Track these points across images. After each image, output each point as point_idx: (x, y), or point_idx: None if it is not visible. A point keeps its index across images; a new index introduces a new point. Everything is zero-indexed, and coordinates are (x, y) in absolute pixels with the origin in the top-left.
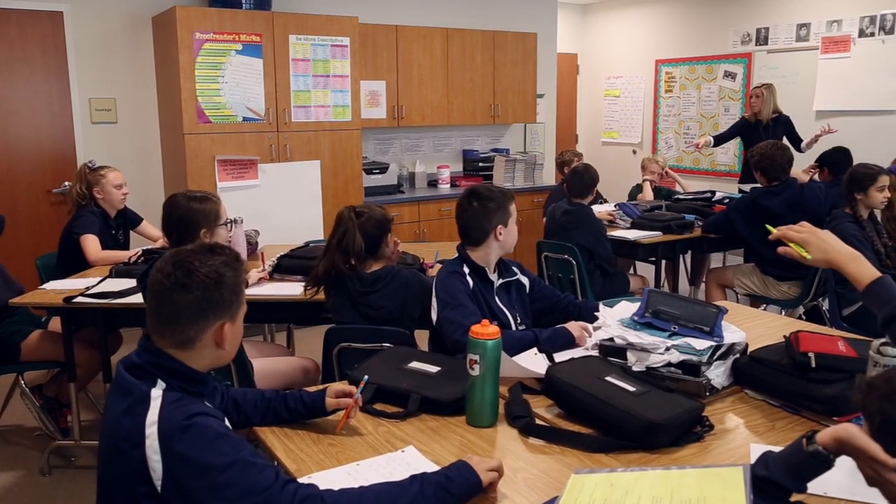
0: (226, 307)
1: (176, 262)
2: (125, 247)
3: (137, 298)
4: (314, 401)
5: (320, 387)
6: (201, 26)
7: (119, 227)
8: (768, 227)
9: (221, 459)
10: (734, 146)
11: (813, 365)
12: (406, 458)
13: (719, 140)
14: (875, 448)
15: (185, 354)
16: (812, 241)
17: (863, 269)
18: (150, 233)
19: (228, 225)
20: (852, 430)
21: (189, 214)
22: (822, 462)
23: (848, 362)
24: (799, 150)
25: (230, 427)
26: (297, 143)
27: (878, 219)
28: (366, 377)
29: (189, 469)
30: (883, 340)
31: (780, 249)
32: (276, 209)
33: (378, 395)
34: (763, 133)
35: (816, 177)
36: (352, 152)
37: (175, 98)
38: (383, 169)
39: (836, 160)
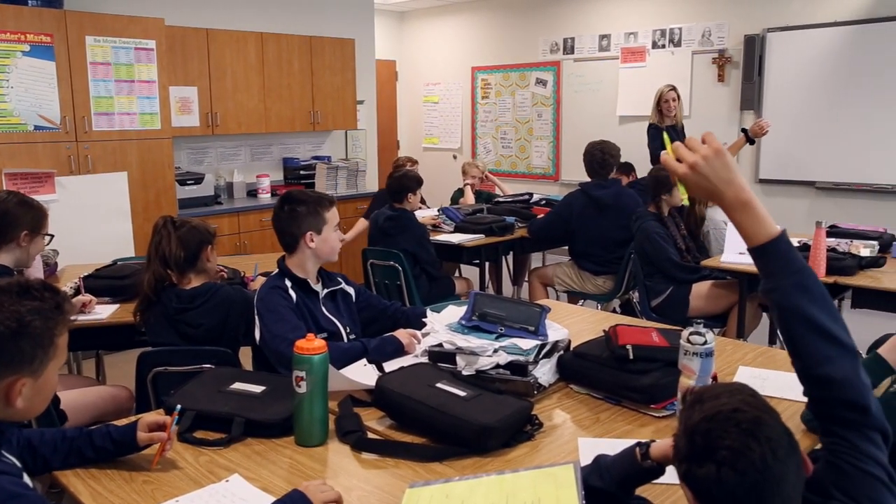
0: (24, 361)
1: None
2: None
3: None
4: (124, 436)
5: (132, 418)
6: None
7: None
8: (666, 139)
9: None
10: (548, 149)
11: (631, 357)
12: (231, 488)
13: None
14: (684, 486)
15: None
16: (690, 181)
17: (748, 226)
18: None
19: (47, 238)
20: None
21: (11, 213)
22: (655, 473)
23: (661, 352)
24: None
25: (28, 484)
26: (100, 153)
27: (672, 214)
28: (178, 406)
29: None
30: (692, 330)
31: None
32: (79, 226)
33: (198, 422)
34: (679, 139)
35: None
36: (163, 162)
37: None
38: (198, 179)
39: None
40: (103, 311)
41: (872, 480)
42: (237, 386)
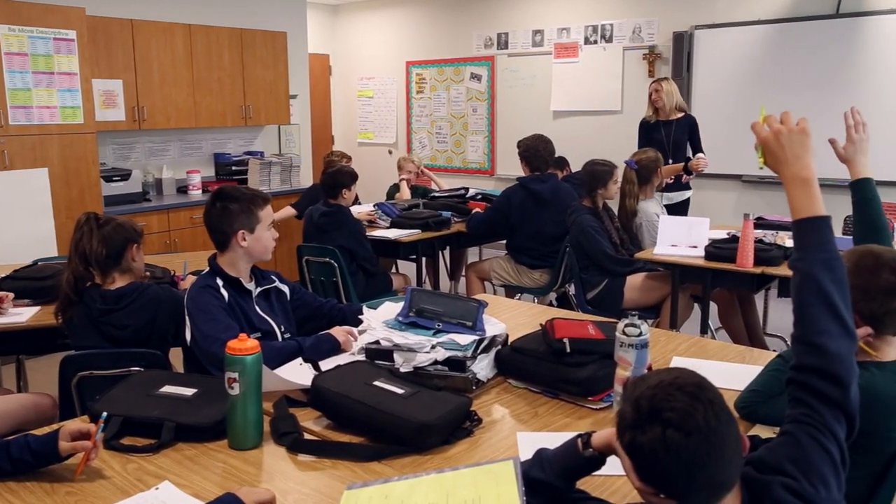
0: None
1: None
2: None
3: None
4: (44, 446)
5: (54, 426)
6: None
7: None
8: (762, 108)
9: None
10: (483, 144)
11: (568, 350)
12: (161, 496)
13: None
14: (628, 465)
15: None
16: (769, 145)
17: (800, 200)
18: None
19: None
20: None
21: None
22: (596, 464)
23: (598, 345)
24: (687, 163)
25: None
26: (18, 148)
27: (607, 207)
28: (104, 414)
29: None
30: (627, 322)
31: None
32: None
33: (126, 428)
34: (665, 134)
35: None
36: (87, 158)
37: None
38: (125, 176)
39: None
40: (23, 314)
41: (826, 456)
42: (167, 389)
